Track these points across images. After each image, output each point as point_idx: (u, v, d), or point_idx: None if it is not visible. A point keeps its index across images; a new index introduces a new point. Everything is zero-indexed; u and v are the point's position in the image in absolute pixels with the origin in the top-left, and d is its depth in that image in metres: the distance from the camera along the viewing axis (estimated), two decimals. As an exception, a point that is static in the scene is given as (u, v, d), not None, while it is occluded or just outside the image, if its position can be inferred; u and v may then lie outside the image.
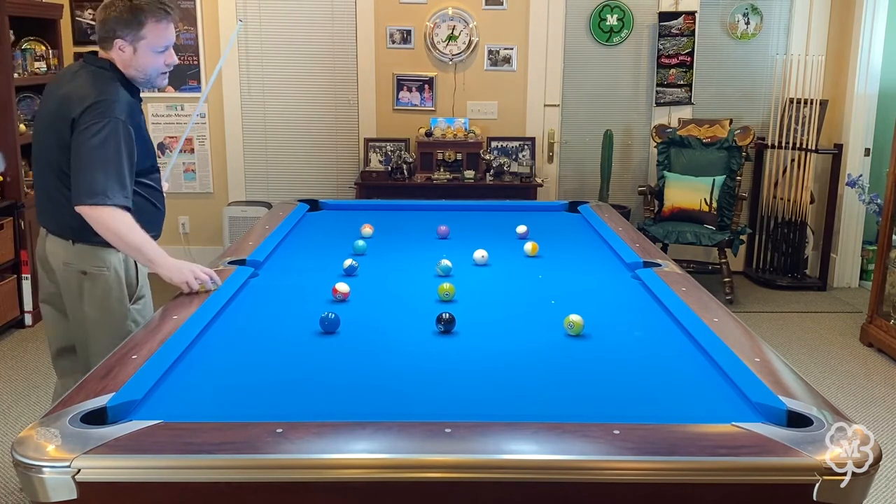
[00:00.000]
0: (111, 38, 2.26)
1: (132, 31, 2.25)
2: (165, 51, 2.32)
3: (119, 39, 2.25)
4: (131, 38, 2.26)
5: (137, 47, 2.27)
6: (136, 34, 2.26)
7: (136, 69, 2.30)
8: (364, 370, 1.80)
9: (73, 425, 1.43)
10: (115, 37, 2.25)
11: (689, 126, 5.24)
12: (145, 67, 2.31)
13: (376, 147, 5.35)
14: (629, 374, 1.79)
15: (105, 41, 2.28)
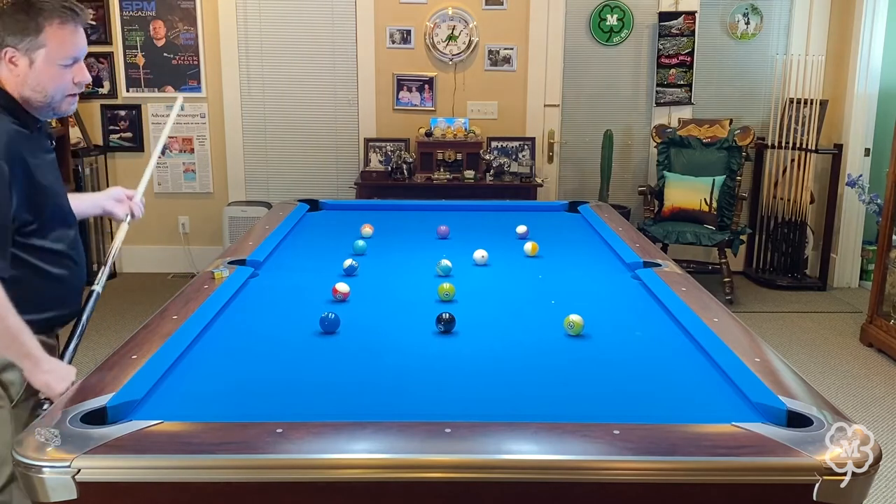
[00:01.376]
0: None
1: (27, 38, 1.73)
2: (73, 64, 1.80)
3: (9, 48, 1.73)
4: (25, 46, 1.73)
5: (34, 58, 1.75)
6: (33, 41, 1.74)
7: (34, 88, 1.77)
8: (364, 370, 1.80)
9: (73, 425, 1.43)
10: (3, 45, 1.73)
11: (689, 126, 5.24)
12: (45, 86, 1.77)
13: (376, 147, 5.35)
14: (629, 375, 1.79)
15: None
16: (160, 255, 5.62)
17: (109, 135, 5.46)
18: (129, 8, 5.30)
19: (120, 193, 2.24)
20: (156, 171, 5.44)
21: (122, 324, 4.49)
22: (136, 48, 5.34)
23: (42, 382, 1.68)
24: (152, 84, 5.40)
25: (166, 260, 5.63)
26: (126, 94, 5.41)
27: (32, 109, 1.80)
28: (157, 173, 5.46)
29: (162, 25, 5.32)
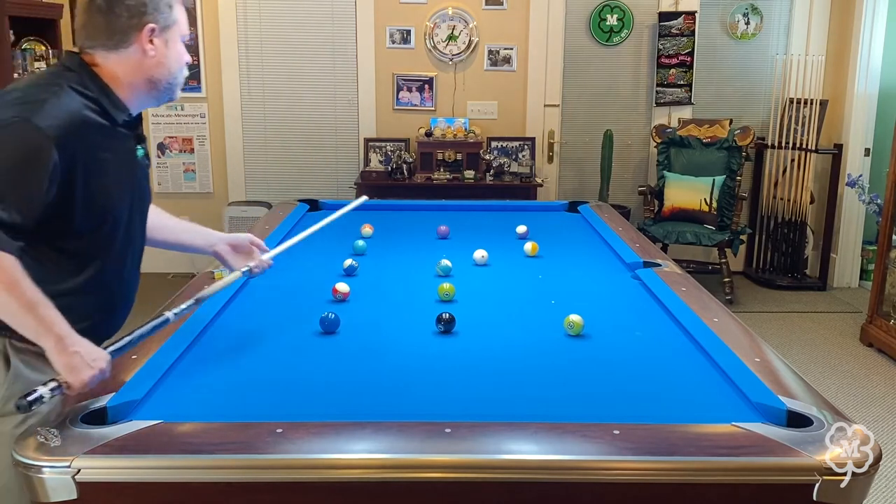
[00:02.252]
0: (136, 25, 1.57)
1: (165, 13, 1.60)
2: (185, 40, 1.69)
3: (151, 25, 1.58)
4: (164, 22, 1.60)
5: (168, 36, 1.62)
6: (169, 16, 1.61)
7: (168, 68, 1.64)
8: (364, 370, 1.80)
9: (73, 425, 1.43)
10: (145, 22, 1.57)
11: (689, 126, 5.24)
12: (173, 65, 1.65)
13: (376, 147, 5.34)
14: (629, 374, 1.79)
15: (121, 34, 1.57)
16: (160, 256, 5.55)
17: (109, 135, 5.46)
18: (129, 8, 5.29)
19: (245, 242, 2.01)
20: (156, 171, 5.45)
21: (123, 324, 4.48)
22: (136, 48, 5.34)
23: (64, 364, 1.39)
24: (152, 84, 5.40)
25: (166, 260, 5.60)
26: (126, 94, 5.40)
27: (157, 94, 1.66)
28: (157, 173, 5.46)
29: (162, 25, 5.32)
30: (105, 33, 1.57)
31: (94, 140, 1.53)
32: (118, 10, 1.56)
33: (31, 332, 1.41)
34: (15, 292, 1.37)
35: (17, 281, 1.37)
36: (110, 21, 1.56)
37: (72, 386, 1.41)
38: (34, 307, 1.39)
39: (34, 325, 1.40)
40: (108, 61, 1.59)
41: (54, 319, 1.41)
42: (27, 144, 1.40)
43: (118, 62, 1.59)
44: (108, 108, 1.58)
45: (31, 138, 1.41)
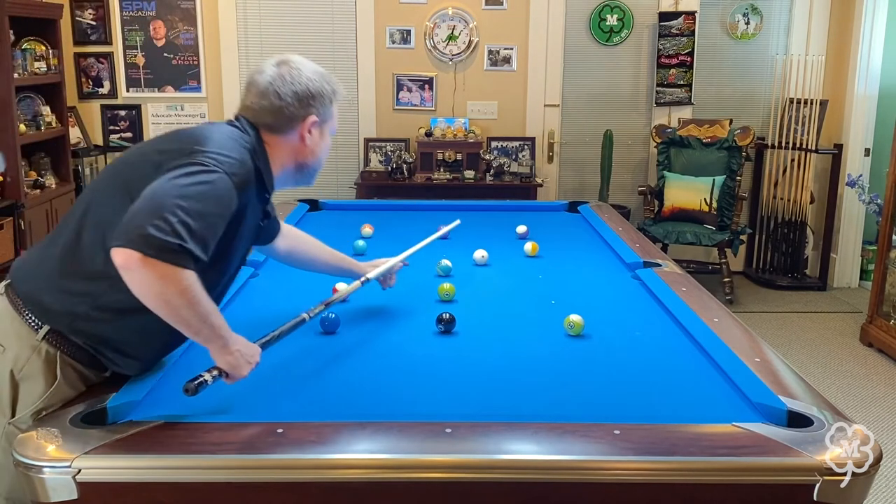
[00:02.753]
0: (302, 114, 1.73)
1: (326, 109, 1.78)
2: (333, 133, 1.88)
3: (312, 118, 1.74)
4: (322, 116, 1.77)
5: (324, 129, 1.80)
6: (328, 111, 1.79)
7: (317, 157, 1.82)
8: (364, 370, 1.80)
9: (73, 425, 1.43)
10: (309, 113, 1.74)
11: (689, 126, 5.24)
12: (321, 154, 1.83)
13: (376, 147, 5.34)
14: (629, 375, 1.79)
15: (288, 121, 1.73)
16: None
17: (109, 135, 5.46)
18: (129, 8, 5.29)
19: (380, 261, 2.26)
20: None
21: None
22: (136, 48, 5.34)
23: (227, 363, 1.54)
24: (152, 84, 5.40)
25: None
26: (126, 94, 5.41)
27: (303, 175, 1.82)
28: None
29: (162, 25, 5.32)
30: (273, 117, 1.72)
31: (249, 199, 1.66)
32: (290, 100, 1.71)
33: (203, 338, 1.52)
34: (198, 307, 1.47)
35: (199, 296, 1.47)
36: (281, 108, 1.71)
37: (232, 378, 1.56)
38: (208, 317, 1.50)
39: (207, 333, 1.52)
40: (271, 140, 1.74)
41: (221, 325, 1.54)
42: (225, 197, 1.54)
43: (277, 143, 1.74)
44: (263, 178, 1.72)
45: (228, 192, 1.55)
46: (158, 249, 1.38)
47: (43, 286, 1.60)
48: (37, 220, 4.56)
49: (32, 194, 4.55)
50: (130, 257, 1.38)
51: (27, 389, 1.57)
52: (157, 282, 1.41)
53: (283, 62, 1.75)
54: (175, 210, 1.42)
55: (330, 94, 1.78)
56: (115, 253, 1.40)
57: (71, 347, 1.59)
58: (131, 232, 1.39)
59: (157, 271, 1.39)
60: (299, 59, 1.78)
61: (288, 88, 1.71)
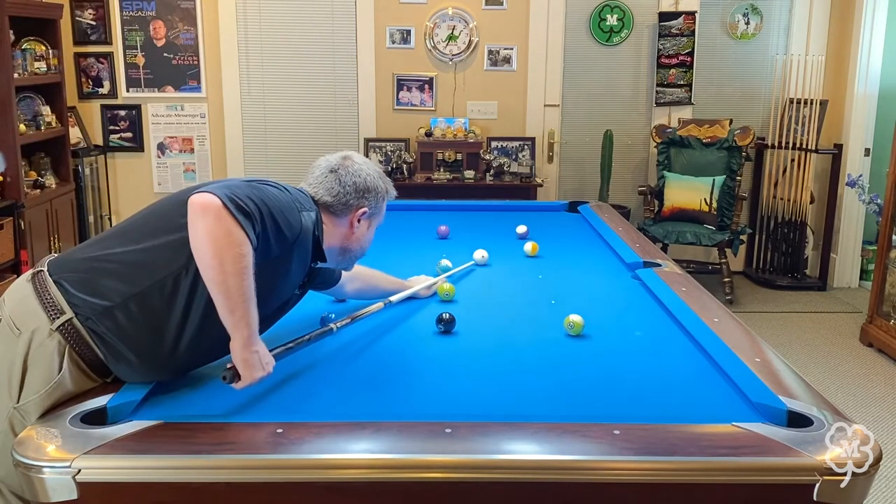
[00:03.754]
0: (355, 205, 1.88)
1: (378, 204, 1.94)
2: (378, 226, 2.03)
3: (364, 209, 1.90)
4: (372, 210, 1.93)
5: (372, 222, 1.96)
6: (378, 207, 1.95)
7: (361, 247, 1.96)
8: (364, 370, 1.80)
9: (73, 425, 1.43)
10: (361, 206, 1.89)
11: (689, 126, 5.24)
12: (364, 244, 1.98)
13: (376, 147, 5.35)
14: (629, 374, 1.79)
15: (344, 207, 1.88)
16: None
17: (109, 135, 5.46)
18: (129, 8, 5.29)
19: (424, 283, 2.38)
20: (156, 170, 5.45)
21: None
22: (136, 48, 5.34)
23: (244, 360, 1.56)
24: (152, 84, 5.40)
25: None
26: (126, 94, 5.41)
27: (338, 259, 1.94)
28: (157, 173, 5.46)
29: (162, 25, 5.32)
30: (332, 199, 1.87)
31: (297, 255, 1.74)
32: (349, 189, 1.87)
33: (235, 319, 1.55)
34: (244, 281, 1.52)
35: (249, 273, 1.53)
36: (340, 193, 1.87)
37: (243, 379, 1.57)
38: (248, 300, 1.54)
39: (240, 314, 1.55)
40: (325, 219, 1.87)
41: (255, 318, 1.57)
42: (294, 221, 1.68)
43: (329, 223, 1.87)
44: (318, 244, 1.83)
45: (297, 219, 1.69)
46: (238, 208, 1.50)
47: (79, 275, 1.63)
48: (37, 220, 4.56)
49: (32, 194, 4.55)
50: (210, 201, 1.49)
51: (33, 376, 1.59)
52: (223, 236, 1.49)
53: (348, 157, 1.93)
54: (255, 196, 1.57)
55: (384, 192, 1.95)
56: (197, 196, 1.50)
57: (81, 344, 1.60)
58: (217, 189, 1.52)
59: (226, 225, 1.49)
60: (361, 157, 1.95)
61: (350, 179, 1.87)
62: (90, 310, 1.59)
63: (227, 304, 1.54)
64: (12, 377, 1.59)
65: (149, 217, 1.72)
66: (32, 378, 1.58)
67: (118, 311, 1.59)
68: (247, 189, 1.59)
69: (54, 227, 4.74)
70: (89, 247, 1.72)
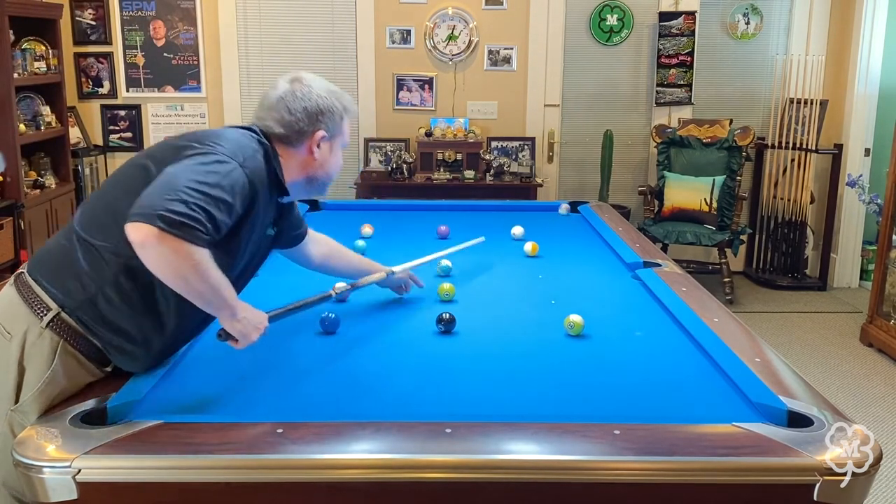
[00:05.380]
0: (311, 130, 1.79)
1: (336, 125, 1.85)
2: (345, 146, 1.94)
3: (321, 133, 1.81)
4: (331, 132, 1.84)
5: (334, 144, 1.87)
6: (337, 128, 1.86)
7: (325, 170, 1.88)
8: (364, 370, 1.80)
9: (73, 425, 1.43)
10: (317, 130, 1.80)
11: (689, 126, 5.24)
12: (331, 167, 1.89)
13: (376, 147, 5.34)
14: (629, 375, 1.79)
15: (297, 134, 1.79)
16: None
17: (109, 135, 5.46)
18: (129, 8, 5.29)
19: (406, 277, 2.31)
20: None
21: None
22: (136, 48, 5.34)
23: (237, 331, 1.65)
24: (152, 84, 5.40)
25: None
26: (126, 94, 5.41)
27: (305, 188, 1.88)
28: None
29: (162, 25, 5.32)
30: (283, 129, 1.79)
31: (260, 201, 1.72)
32: (299, 115, 1.78)
33: (212, 308, 1.61)
34: (209, 281, 1.55)
35: (210, 271, 1.54)
36: (290, 122, 1.78)
37: (240, 344, 1.67)
38: (219, 290, 1.58)
39: (217, 303, 1.60)
40: (281, 151, 1.81)
41: (231, 296, 1.62)
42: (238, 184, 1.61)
43: (288, 155, 1.81)
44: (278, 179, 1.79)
45: (241, 180, 1.62)
46: (172, 225, 1.45)
47: (53, 270, 1.64)
48: (36, 220, 4.56)
49: (32, 194, 4.55)
50: (146, 232, 1.45)
51: (30, 375, 1.59)
52: (172, 256, 1.47)
53: (296, 79, 1.82)
54: (189, 190, 1.50)
55: (340, 110, 1.84)
56: (131, 228, 1.46)
57: (74, 336, 1.61)
58: (147, 208, 1.46)
59: (171, 246, 1.46)
60: (311, 77, 1.84)
61: (298, 104, 1.78)
62: (73, 302, 1.60)
63: (202, 302, 1.58)
64: (9, 380, 1.59)
65: (108, 198, 1.69)
66: (29, 378, 1.59)
67: (98, 299, 1.60)
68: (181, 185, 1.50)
69: (54, 228, 4.74)
70: (57, 239, 1.71)
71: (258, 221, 1.75)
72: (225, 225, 1.58)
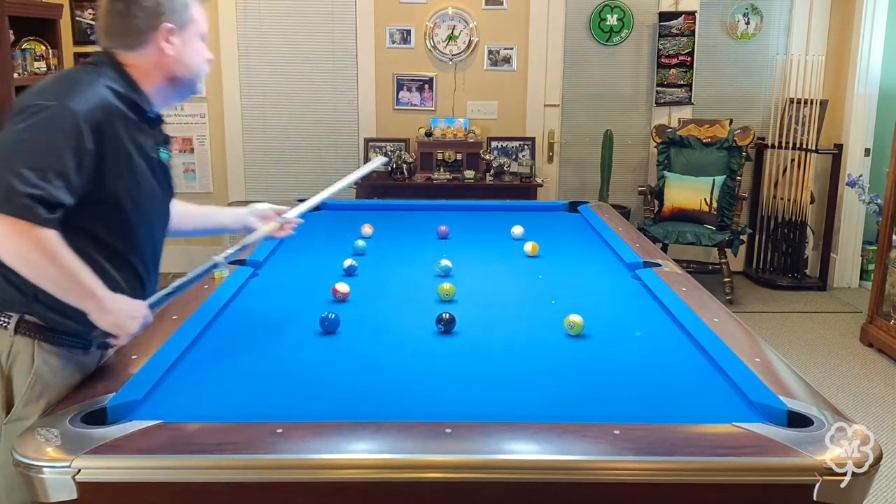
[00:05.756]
0: (153, 25, 1.63)
1: (181, 12, 1.67)
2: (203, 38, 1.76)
3: (168, 24, 1.64)
4: (180, 21, 1.67)
5: (185, 35, 1.69)
6: (186, 15, 1.68)
7: (186, 65, 1.71)
8: (364, 370, 1.80)
9: (73, 425, 1.43)
10: (161, 22, 1.63)
11: (689, 126, 5.24)
12: (195, 61, 1.73)
13: (376, 147, 5.34)
14: (629, 374, 1.79)
15: (139, 34, 1.63)
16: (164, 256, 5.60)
17: (109, 135, 5.46)
18: (129, 8, 5.29)
19: (268, 211, 2.18)
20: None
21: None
22: (136, 48, 5.34)
23: (109, 324, 1.55)
24: (152, 84, 5.40)
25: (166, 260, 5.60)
26: (126, 94, 5.40)
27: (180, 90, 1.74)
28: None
29: (162, 25, 5.31)
30: (124, 34, 1.64)
31: (122, 130, 1.58)
32: (135, 12, 1.63)
33: (74, 297, 1.52)
34: (59, 262, 1.46)
35: (60, 252, 1.45)
36: (128, 23, 1.63)
37: (119, 338, 1.59)
38: (76, 274, 1.49)
39: (77, 291, 1.51)
40: (130, 60, 1.66)
41: (94, 284, 1.52)
42: (64, 125, 1.47)
43: (139, 61, 1.66)
44: (137, 102, 1.65)
45: (66, 120, 1.47)
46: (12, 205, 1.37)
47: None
48: None
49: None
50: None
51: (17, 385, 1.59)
52: (10, 238, 1.40)
53: None
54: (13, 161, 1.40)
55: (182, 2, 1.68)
56: None
57: (43, 333, 1.59)
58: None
59: (7, 227, 1.39)
60: None
61: (132, 8, 1.63)
62: (21, 304, 1.58)
63: (57, 289, 1.50)
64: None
65: None
66: (18, 386, 1.59)
67: (38, 292, 1.54)
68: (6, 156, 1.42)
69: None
70: None
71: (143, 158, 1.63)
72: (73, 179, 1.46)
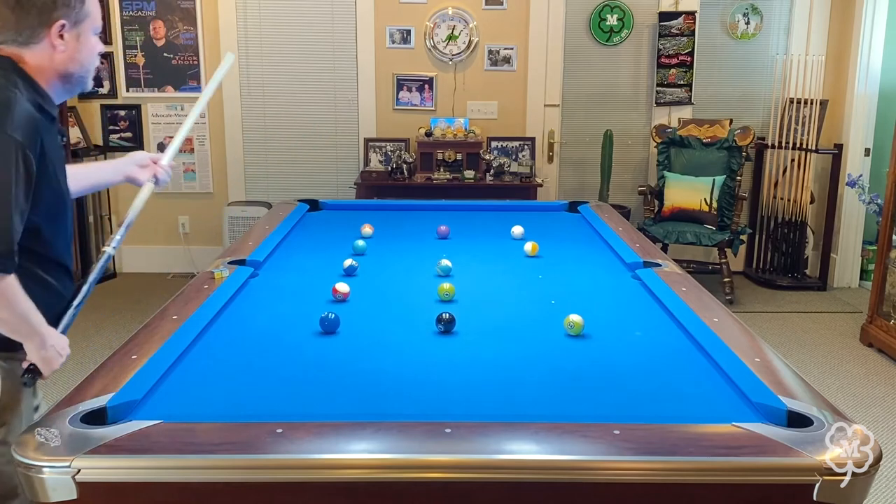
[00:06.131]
0: (46, 22, 1.57)
1: (75, 8, 1.61)
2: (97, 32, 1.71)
3: (59, 22, 1.59)
4: (75, 17, 1.61)
5: (80, 30, 1.63)
6: (80, 10, 1.62)
7: (80, 62, 1.66)
8: (364, 370, 1.80)
9: (73, 425, 1.43)
10: (54, 19, 1.58)
11: (689, 126, 5.24)
12: (85, 57, 1.67)
13: (376, 147, 5.35)
14: (629, 374, 1.79)
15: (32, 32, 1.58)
16: (160, 255, 5.62)
17: (109, 135, 5.46)
18: (129, 8, 5.30)
19: (145, 158, 2.07)
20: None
21: (122, 324, 4.49)
22: (136, 48, 5.35)
23: (41, 359, 1.60)
24: (152, 84, 5.40)
25: (166, 260, 5.63)
26: (126, 94, 5.41)
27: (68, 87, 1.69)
28: (157, 173, 5.46)
29: (162, 25, 5.32)
30: (15, 29, 1.58)
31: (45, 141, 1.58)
32: (27, 7, 1.57)
33: (22, 335, 1.58)
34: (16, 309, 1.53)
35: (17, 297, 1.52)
36: (20, 17, 1.57)
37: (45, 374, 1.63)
38: (28, 318, 1.56)
39: (27, 330, 1.58)
40: (24, 56, 1.60)
41: (40, 323, 1.59)
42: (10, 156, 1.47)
43: (31, 57, 1.60)
44: (42, 103, 1.61)
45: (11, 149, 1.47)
46: None
47: None
48: None
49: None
50: None
51: None
52: None
53: None
54: None
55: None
56: None
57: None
58: None
59: None
60: None
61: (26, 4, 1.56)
62: None
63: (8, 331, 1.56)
64: None
65: None
66: None
67: None
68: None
69: None
70: None
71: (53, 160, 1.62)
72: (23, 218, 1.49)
